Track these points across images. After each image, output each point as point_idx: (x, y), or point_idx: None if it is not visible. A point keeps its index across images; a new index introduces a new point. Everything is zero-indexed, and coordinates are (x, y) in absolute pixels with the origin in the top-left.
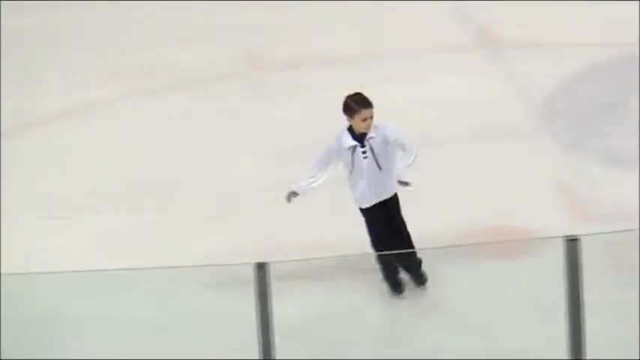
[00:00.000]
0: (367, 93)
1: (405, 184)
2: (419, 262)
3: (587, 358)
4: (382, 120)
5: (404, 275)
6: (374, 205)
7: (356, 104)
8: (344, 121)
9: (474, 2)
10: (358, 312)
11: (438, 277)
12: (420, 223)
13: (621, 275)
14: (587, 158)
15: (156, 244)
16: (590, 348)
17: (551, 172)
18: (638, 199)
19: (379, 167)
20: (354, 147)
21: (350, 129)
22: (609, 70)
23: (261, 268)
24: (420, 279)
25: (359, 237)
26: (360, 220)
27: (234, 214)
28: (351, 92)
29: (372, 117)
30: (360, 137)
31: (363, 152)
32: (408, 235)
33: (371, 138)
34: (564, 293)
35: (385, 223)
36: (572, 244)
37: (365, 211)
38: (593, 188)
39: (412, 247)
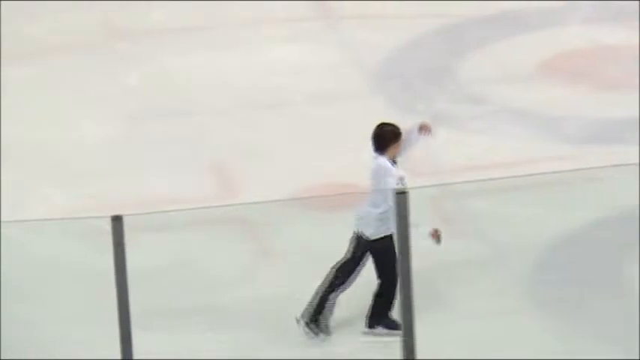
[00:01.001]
0: (204, 61)
1: None
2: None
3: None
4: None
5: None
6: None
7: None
8: (180, 88)
9: None
10: (205, 260)
11: (277, 226)
12: (261, 180)
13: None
14: (416, 119)
15: (14, 200)
16: None
17: None
18: (460, 155)
19: None
20: (403, 177)
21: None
22: (436, 38)
23: (117, 220)
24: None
25: (208, 192)
26: (211, 176)
27: (90, 172)
28: (383, 122)
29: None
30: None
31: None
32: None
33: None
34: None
35: None
36: (401, 196)
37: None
38: (422, 146)
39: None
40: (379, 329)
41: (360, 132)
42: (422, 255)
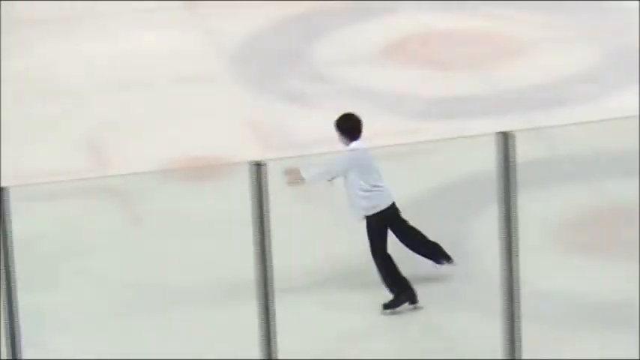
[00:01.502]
0: (81, 51)
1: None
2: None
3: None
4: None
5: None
6: None
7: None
8: (56, 73)
9: None
10: (92, 225)
11: (147, 197)
12: (131, 154)
13: (297, 193)
14: (271, 98)
15: None
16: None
17: (243, 111)
18: (310, 130)
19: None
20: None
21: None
22: (289, 25)
23: (2, 190)
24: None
25: (83, 166)
26: (86, 151)
27: None
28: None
29: None
30: None
31: None
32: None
33: None
34: (252, 210)
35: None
36: (257, 168)
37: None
38: (277, 123)
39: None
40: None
41: (220, 110)
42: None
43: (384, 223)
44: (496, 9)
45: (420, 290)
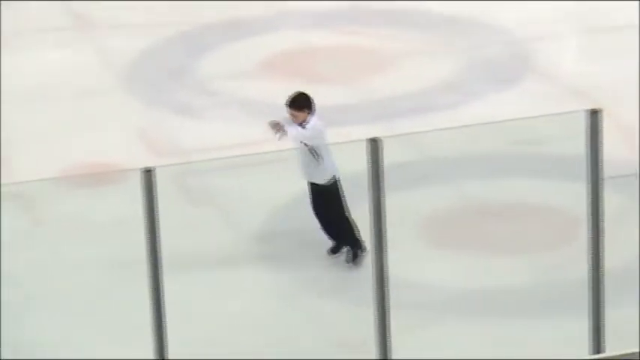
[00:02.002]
0: None
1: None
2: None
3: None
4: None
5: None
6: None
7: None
8: None
9: None
10: None
11: (48, 202)
12: (34, 161)
13: (189, 196)
14: (162, 110)
15: None
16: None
17: (135, 122)
18: (197, 139)
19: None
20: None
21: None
22: (176, 42)
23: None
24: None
25: None
26: None
27: None
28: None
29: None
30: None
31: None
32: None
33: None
34: (142, 213)
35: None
36: (147, 174)
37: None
38: (166, 132)
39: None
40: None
41: (112, 121)
42: None
43: (320, 194)
44: (363, 27)
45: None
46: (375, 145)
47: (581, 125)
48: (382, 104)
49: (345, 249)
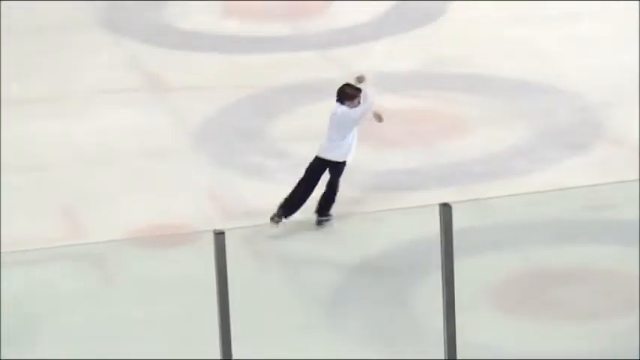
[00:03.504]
0: (57, 128)
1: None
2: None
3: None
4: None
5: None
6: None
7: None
8: (38, 148)
9: (145, 50)
10: (59, 288)
11: (123, 265)
12: (105, 223)
13: (259, 260)
14: (233, 172)
15: None
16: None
17: (206, 183)
18: (269, 202)
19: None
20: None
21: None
22: (247, 105)
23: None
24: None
25: (62, 234)
26: (63, 219)
27: None
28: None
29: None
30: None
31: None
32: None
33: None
34: (214, 273)
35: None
36: (219, 236)
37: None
38: (237, 194)
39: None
40: (329, 217)
41: (183, 182)
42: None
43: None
44: (437, 91)
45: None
46: (446, 210)
47: None
48: (453, 169)
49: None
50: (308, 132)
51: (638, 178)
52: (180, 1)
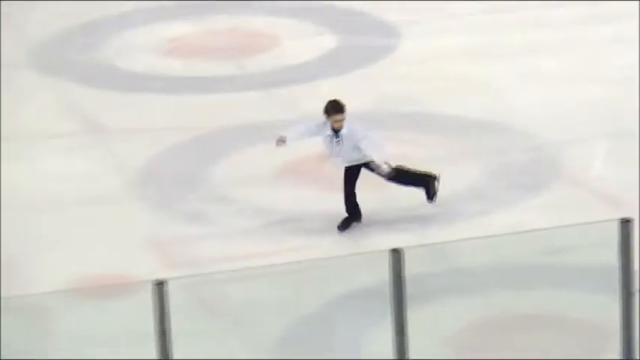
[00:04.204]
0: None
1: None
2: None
3: None
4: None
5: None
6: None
7: (331, 109)
8: None
9: (83, 92)
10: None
11: (60, 317)
12: (44, 272)
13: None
14: (173, 218)
15: None
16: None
17: (146, 230)
18: (212, 248)
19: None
20: (331, 136)
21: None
22: (187, 148)
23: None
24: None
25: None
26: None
27: None
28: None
29: (342, 120)
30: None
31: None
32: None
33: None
34: (154, 326)
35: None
36: (159, 287)
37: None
38: (180, 242)
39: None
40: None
41: (123, 230)
42: None
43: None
44: (386, 131)
45: None
46: (396, 255)
47: (613, 235)
48: (404, 212)
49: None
50: (253, 176)
51: (596, 219)
52: (121, 39)
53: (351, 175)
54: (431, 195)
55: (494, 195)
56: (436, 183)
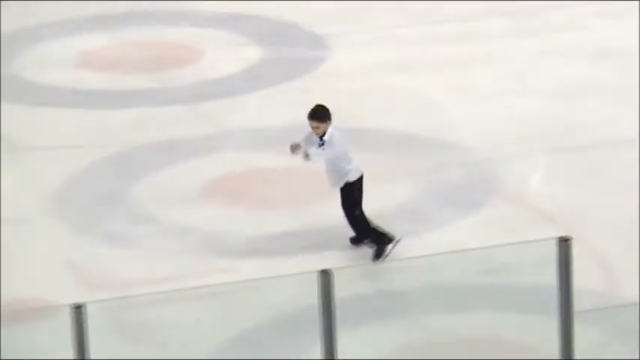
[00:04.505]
0: None
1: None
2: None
3: None
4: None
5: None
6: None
7: (309, 113)
8: None
9: None
10: None
11: None
12: None
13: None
14: (92, 239)
15: None
16: None
17: (64, 252)
18: (134, 270)
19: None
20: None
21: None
22: (106, 166)
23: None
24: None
25: None
26: None
27: None
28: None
29: (318, 127)
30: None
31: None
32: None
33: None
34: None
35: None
36: (77, 310)
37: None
38: (100, 264)
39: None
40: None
41: (43, 252)
42: None
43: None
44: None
45: None
46: (325, 277)
47: (551, 253)
48: (333, 232)
49: (366, 242)
50: (176, 194)
51: (534, 238)
52: (34, 52)
53: (341, 196)
54: (379, 256)
55: (429, 213)
56: (390, 246)
